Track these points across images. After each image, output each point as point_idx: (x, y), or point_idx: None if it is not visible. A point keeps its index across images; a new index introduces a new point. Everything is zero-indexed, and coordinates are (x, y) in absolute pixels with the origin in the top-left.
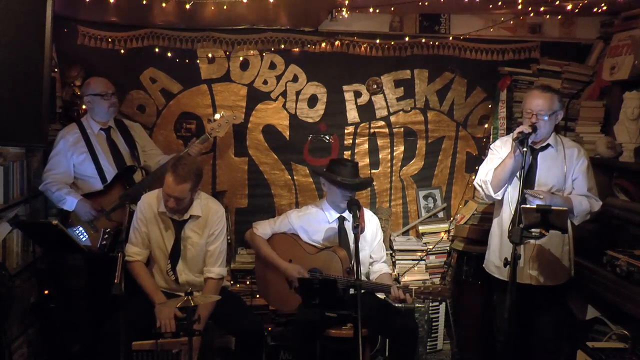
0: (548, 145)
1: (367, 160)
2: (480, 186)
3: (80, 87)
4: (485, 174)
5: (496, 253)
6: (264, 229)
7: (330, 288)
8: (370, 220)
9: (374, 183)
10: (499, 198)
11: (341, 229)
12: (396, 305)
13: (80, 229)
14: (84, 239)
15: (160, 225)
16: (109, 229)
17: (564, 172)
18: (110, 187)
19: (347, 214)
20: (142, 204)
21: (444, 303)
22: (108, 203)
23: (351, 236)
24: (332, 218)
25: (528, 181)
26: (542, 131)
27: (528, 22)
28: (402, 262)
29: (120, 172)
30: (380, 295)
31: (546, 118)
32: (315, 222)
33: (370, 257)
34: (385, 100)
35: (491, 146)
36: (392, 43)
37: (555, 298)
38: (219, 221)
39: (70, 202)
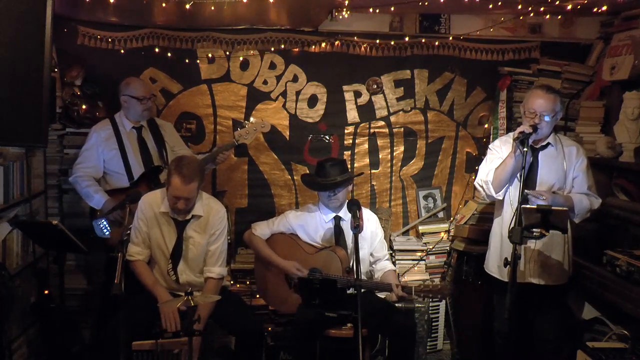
0: (548, 144)
1: (367, 160)
2: (481, 186)
3: (80, 87)
4: (486, 174)
5: (497, 253)
6: (262, 229)
7: (330, 288)
8: (369, 219)
9: (374, 183)
10: (501, 198)
11: (337, 228)
12: (396, 305)
13: (105, 222)
14: (106, 232)
15: (162, 225)
16: (131, 225)
17: (565, 170)
18: (136, 185)
19: (342, 213)
20: (142, 204)
21: (444, 303)
22: None
23: (348, 235)
24: (328, 218)
25: (530, 180)
26: (544, 131)
27: (528, 22)
28: (402, 262)
29: (146, 171)
30: (381, 295)
31: (548, 119)
32: (312, 221)
33: (372, 255)
34: (385, 100)
35: (490, 146)
36: (392, 43)
37: (556, 298)
38: (221, 221)
39: (98, 201)
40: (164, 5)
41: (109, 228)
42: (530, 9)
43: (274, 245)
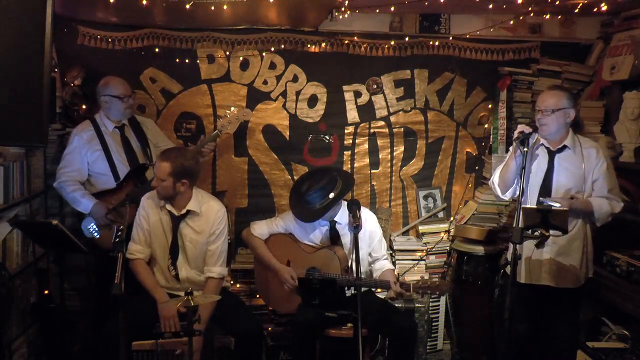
0: (565, 146)
1: (367, 160)
2: (492, 187)
3: (80, 87)
4: (495, 176)
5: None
6: (261, 229)
7: (329, 287)
8: (367, 218)
9: (374, 183)
10: (507, 198)
11: (333, 231)
12: (396, 305)
13: (93, 224)
14: (96, 235)
15: (162, 219)
16: (121, 227)
17: (583, 173)
18: (123, 185)
19: (338, 217)
20: (144, 201)
21: (444, 303)
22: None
23: (345, 237)
24: (324, 221)
25: (545, 185)
26: (550, 128)
27: (528, 22)
28: (402, 262)
29: (132, 170)
30: (381, 295)
31: (551, 113)
32: (309, 224)
33: (370, 255)
34: (385, 100)
35: (510, 148)
36: (392, 43)
37: (571, 300)
38: (221, 220)
39: (85, 205)
40: (164, 5)
41: (97, 230)
42: (530, 9)
43: (273, 245)
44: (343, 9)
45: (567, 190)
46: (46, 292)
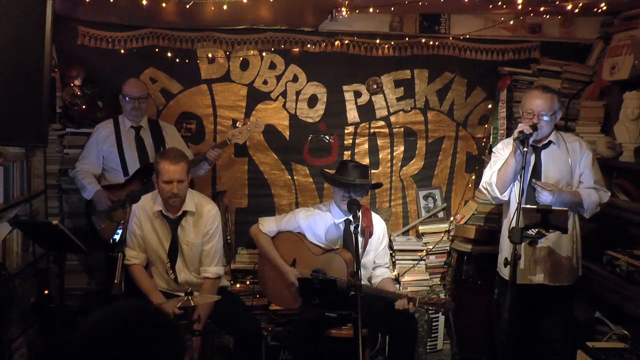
0: (550, 142)
1: (367, 160)
2: (486, 189)
3: (80, 87)
4: (489, 177)
5: (506, 253)
6: (269, 225)
7: (330, 288)
8: (378, 224)
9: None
10: (505, 199)
11: (347, 232)
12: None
13: (95, 218)
14: (97, 228)
15: (156, 226)
16: (122, 221)
17: (570, 166)
18: (131, 181)
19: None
20: (136, 207)
21: None
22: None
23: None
24: (339, 220)
25: (535, 179)
26: (543, 131)
27: (528, 22)
28: (402, 262)
29: (141, 167)
30: None
31: (547, 118)
32: (322, 222)
33: (374, 261)
34: (385, 100)
35: (493, 149)
36: (392, 43)
37: (564, 298)
38: (214, 219)
39: (89, 191)
40: (164, 5)
41: (100, 225)
42: (530, 9)
43: (280, 243)
44: (343, 9)
45: (556, 183)
46: (46, 292)
